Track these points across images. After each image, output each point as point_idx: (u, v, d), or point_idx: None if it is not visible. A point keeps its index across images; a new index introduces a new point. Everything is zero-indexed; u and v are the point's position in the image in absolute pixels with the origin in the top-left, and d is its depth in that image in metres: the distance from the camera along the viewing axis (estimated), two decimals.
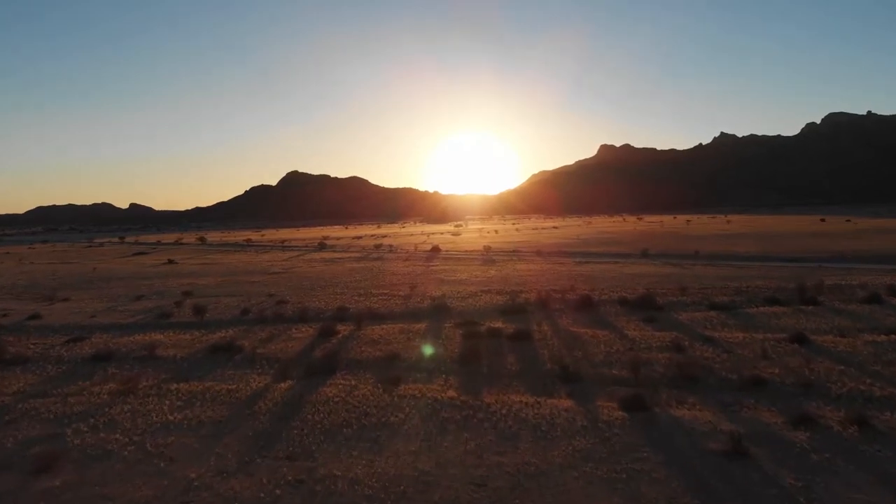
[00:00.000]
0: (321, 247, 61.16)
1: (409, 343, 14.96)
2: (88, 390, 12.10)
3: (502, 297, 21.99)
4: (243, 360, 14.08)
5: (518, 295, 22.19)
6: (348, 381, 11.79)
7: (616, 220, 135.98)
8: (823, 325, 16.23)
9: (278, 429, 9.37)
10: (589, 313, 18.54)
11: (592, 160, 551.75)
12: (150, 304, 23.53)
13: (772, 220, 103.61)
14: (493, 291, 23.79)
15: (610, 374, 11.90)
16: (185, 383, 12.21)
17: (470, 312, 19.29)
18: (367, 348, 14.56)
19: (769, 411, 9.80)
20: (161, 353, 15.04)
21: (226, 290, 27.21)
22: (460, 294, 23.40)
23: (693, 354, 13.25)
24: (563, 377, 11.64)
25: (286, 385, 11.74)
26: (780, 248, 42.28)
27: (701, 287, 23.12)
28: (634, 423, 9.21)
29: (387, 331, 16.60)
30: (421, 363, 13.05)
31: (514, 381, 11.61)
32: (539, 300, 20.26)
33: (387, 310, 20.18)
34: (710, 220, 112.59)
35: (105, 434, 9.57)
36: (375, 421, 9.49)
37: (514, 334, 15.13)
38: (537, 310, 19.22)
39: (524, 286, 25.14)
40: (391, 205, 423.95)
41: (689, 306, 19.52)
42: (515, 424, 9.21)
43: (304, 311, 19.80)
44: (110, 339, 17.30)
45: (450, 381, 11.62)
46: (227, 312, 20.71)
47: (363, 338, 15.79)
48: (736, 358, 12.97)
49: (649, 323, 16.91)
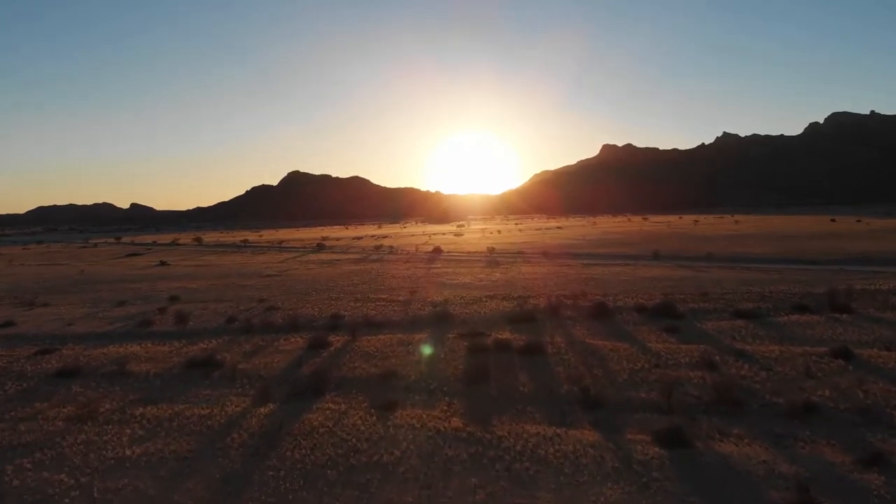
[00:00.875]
0: (319, 248, 59.73)
1: (408, 357, 13.46)
2: (44, 414, 10.63)
3: (509, 304, 20.49)
4: (222, 377, 12.59)
5: (526, 301, 20.69)
6: (337, 406, 10.29)
7: (621, 221, 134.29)
8: (864, 336, 14.72)
9: (251, 469, 7.88)
10: (605, 322, 17.03)
11: (594, 160, 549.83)
12: (132, 311, 22.06)
13: (780, 221, 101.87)
14: (499, 297, 22.28)
15: (637, 398, 10.39)
16: (152, 406, 10.72)
17: (475, 321, 17.79)
18: (360, 363, 13.06)
19: (830, 446, 8.30)
20: (133, 368, 13.56)
21: (215, 295, 25.73)
22: (464, 299, 21.91)
23: (728, 372, 11.74)
24: (584, 402, 10.14)
25: (267, 410, 10.24)
26: (796, 249, 40.75)
27: (722, 292, 21.60)
28: (675, 464, 7.70)
29: (383, 342, 15.10)
30: (421, 383, 11.55)
31: (529, 405, 10.10)
32: (549, 307, 18.74)
33: (384, 318, 18.68)
34: (718, 221, 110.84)
35: (50, 473, 8.09)
36: (366, 460, 7.98)
37: (524, 347, 13.61)
38: (548, 318, 17.71)
39: (532, 291, 23.64)
40: (393, 205, 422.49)
41: (712, 314, 18.00)
42: (533, 465, 7.70)
43: (294, 318, 18.31)
44: (82, 350, 15.84)
45: (454, 406, 10.11)
46: (212, 320, 19.22)
47: (357, 350, 14.29)
48: (777, 377, 11.46)
49: (672, 333, 15.40)
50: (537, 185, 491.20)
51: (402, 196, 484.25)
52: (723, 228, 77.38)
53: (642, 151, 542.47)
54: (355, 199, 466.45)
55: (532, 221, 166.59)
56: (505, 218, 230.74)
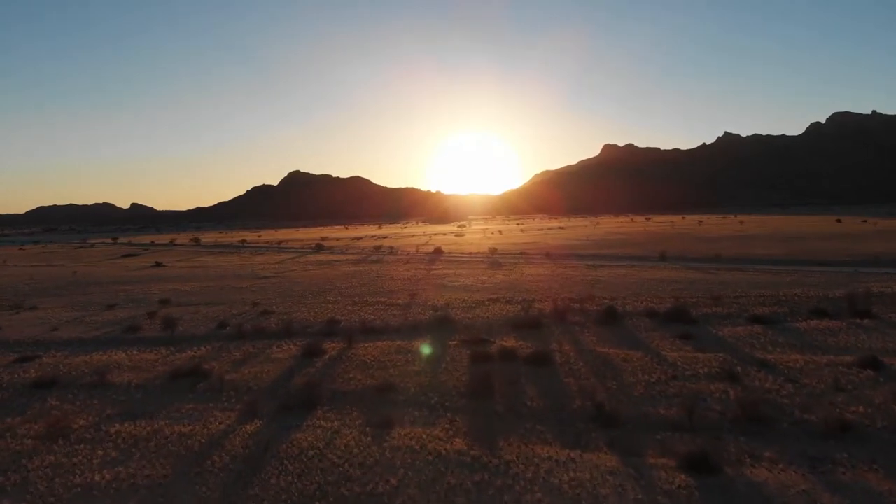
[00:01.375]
0: (318, 248, 58.80)
1: (408, 367, 12.62)
2: (13, 431, 9.81)
3: (513, 308, 19.65)
4: (208, 389, 11.76)
5: (531, 305, 19.85)
6: (330, 423, 9.46)
7: (624, 221, 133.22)
8: (891, 343, 13.89)
9: (230, 499, 7.05)
10: (614, 328, 16.19)
11: (595, 160, 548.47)
12: (121, 315, 21.23)
13: (784, 221, 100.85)
14: (503, 300, 21.44)
15: (656, 415, 9.56)
16: (130, 423, 9.89)
17: (478, 326, 16.96)
18: (356, 374, 12.23)
19: (873, 472, 7.47)
20: (114, 378, 12.73)
21: (208, 298, 24.90)
22: (466, 303, 21.08)
23: (752, 385, 10.91)
24: (598, 419, 9.31)
25: (253, 427, 9.42)
26: (805, 250, 39.87)
27: (734, 296, 20.76)
28: (705, 495, 6.87)
29: (382, 350, 14.28)
30: (420, 396, 10.72)
31: (538, 423, 9.26)
32: (556, 311, 17.91)
33: (383, 322, 17.85)
34: (721, 221, 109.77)
35: (10, 502, 7.28)
36: (359, 490, 7.15)
37: (531, 356, 12.77)
38: (555, 323, 16.88)
39: (536, 294, 22.80)
40: (393, 205, 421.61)
41: (726, 319, 17.17)
42: (547, 497, 6.86)
43: (289, 324, 17.48)
44: (63, 358, 15.03)
45: (456, 424, 9.28)
46: (202, 325, 18.37)
47: (354, 359, 13.46)
48: (805, 391, 10.62)
49: (687, 341, 14.57)
50: (538, 185, 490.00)
51: (403, 196, 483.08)
52: (728, 229, 76.40)
53: (643, 151, 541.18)
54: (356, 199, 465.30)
55: (533, 221, 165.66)
56: (506, 218, 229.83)
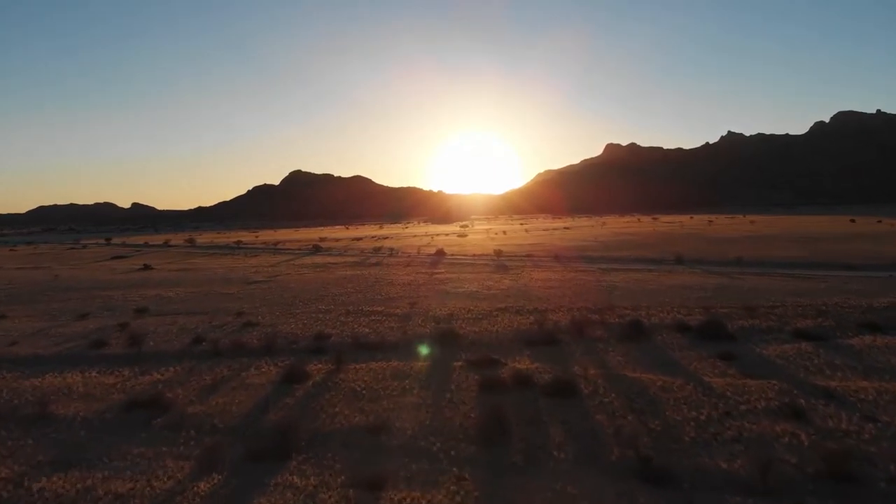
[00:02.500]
0: (315, 250, 56.62)
1: (405, 398, 10.64)
2: None
3: (525, 319, 17.65)
4: (167, 425, 9.81)
5: (545, 315, 17.86)
6: (305, 481, 7.50)
7: (630, 221, 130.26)
8: None
9: None
10: (643, 345, 14.21)
11: (598, 159, 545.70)
12: (91, 326, 19.28)
13: (796, 221, 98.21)
14: (512, 309, 19.45)
15: (716, 469, 7.58)
16: (60, 476, 7.95)
17: (486, 342, 15.01)
18: (343, 407, 10.25)
19: None
20: (59, 409, 10.78)
21: (191, 306, 22.94)
22: (472, 313, 19.10)
23: (823, 425, 8.94)
24: (644, 475, 7.34)
25: (208, 485, 7.46)
26: (826, 252, 37.79)
27: (769, 305, 18.76)
28: None
29: (375, 373, 12.31)
30: (420, 440, 8.75)
31: (569, 483, 7.28)
32: (573, 325, 15.92)
33: (378, 337, 15.87)
34: (731, 221, 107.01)
35: None
36: None
37: (552, 385, 10.79)
38: (573, 339, 14.90)
39: (548, 302, 20.80)
40: (395, 204, 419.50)
41: (767, 334, 15.19)
42: None
43: (272, 338, 15.53)
44: (12, 381, 13.10)
45: (465, 485, 7.30)
46: (176, 340, 16.40)
47: (341, 386, 11.50)
48: (891, 433, 8.66)
49: (730, 362, 12.60)
50: (540, 184, 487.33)
51: (405, 196, 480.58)
52: (740, 229, 73.92)
53: (646, 151, 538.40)
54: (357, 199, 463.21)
55: (537, 221, 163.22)
56: (509, 218, 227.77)
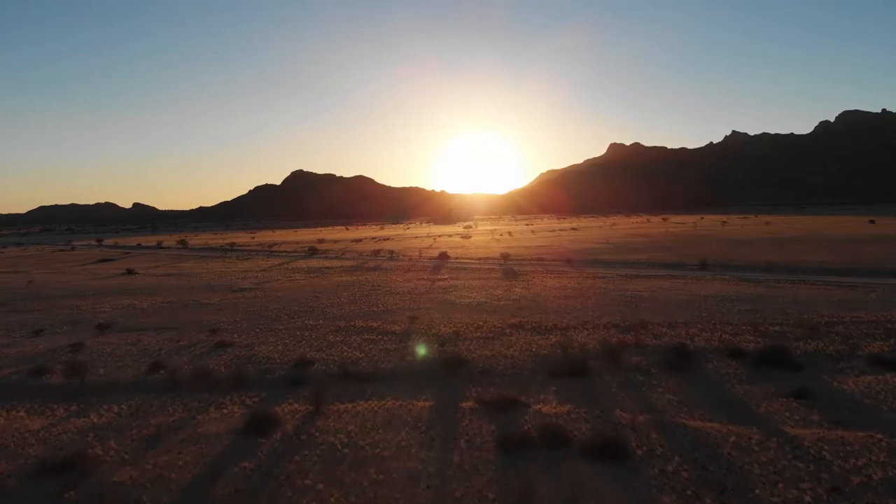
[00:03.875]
0: (311, 253, 53.62)
1: (400, 463, 7.98)
2: None
3: (545, 340, 14.99)
4: (80, 499, 7.20)
5: (568, 335, 15.19)
6: None
7: (639, 221, 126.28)
8: None
9: None
10: (694, 378, 11.55)
11: (602, 159, 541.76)
12: (42, 346, 16.66)
13: (812, 222, 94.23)
14: (528, 326, 16.78)
15: None
16: None
17: (500, 370, 12.39)
18: (316, 479, 7.61)
19: None
20: None
21: (162, 319, 20.33)
22: (481, 330, 16.46)
23: None
24: None
25: None
26: (858, 256, 34.96)
27: (827, 322, 16.10)
28: None
29: (363, 419, 9.67)
30: None
31: None
32: (605, 348, 13.26)
33: (370, 364, 13.25)
34: (745, 221, 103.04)
35: None
36: None
37: (593, 443, 8.12)
38: (607, 366, 12.27)
39: (569, 316, 18.12)
40: (398, 204, 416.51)
41: (838, 362, 12.54)
42: None
43: (244, 365, 12.94)
44: None
45: None
46: (129, 367, 13.76)
47: (318, 441, 8.85)
48: None
49: (808, 403, 9.96)
50: (543, 184, 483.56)
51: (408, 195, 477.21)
52: (756, 230, 70.33)
53: (650, 150, 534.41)
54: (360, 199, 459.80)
55: (542, 222, 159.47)
56: (513, 218, 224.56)
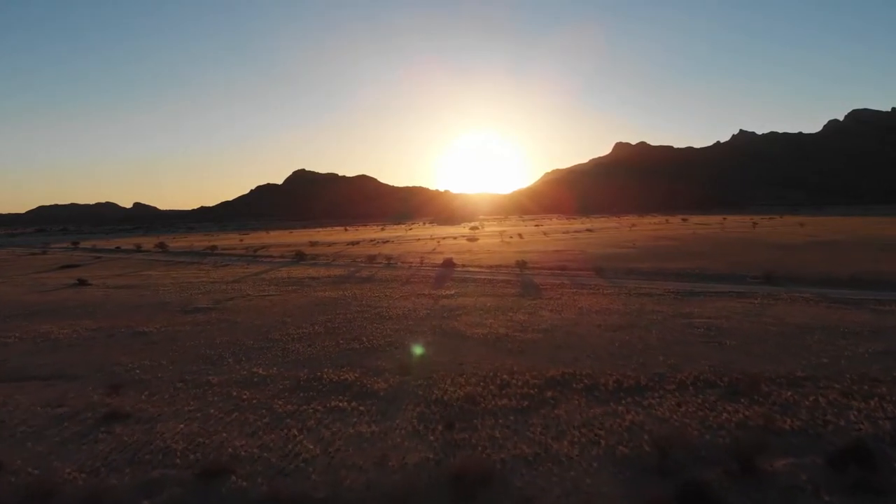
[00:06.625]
0: (298, 259, 47.47)
1: None
2: None
3: (610, 416, 9.40)
4: None
5: (646, 404, 9.61)
6: None
7: (657, 222, 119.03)
8: None
9: None
10: None
11: (607, 158, 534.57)
12: None
13: (842, 223, 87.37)
14: (579, 384, 11.14)
15: None
16: None
17: (554, 496, 6.89)
18: None
19: None
20: None
21: (65, 361, 14.79)
22: (507, 392, 10.91)
23: None
24: None
25: None
26: None
27: None
28: None
29: None
30: None
31: None
32: (732, 447, 7.72)
33: (326, 478, 7.72)
34: (775, 223, 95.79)
35: None
36: None
37: None
38: (737, 477, 6.76)
39: (630, 363, 12.47)
40: (401, 204, 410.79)
41: None
42: None
43: (119, 466, 7.43)
44: None
45: None
46: None
47: None
48: None
49: None
50: (548, 184, 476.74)
51: (411, 195, 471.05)
52: (794, 233, 63.51)
53: (656, 149, 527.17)
54: (362, 199, 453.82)
55: (552, 223, 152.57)
56: (519, 218, 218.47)
